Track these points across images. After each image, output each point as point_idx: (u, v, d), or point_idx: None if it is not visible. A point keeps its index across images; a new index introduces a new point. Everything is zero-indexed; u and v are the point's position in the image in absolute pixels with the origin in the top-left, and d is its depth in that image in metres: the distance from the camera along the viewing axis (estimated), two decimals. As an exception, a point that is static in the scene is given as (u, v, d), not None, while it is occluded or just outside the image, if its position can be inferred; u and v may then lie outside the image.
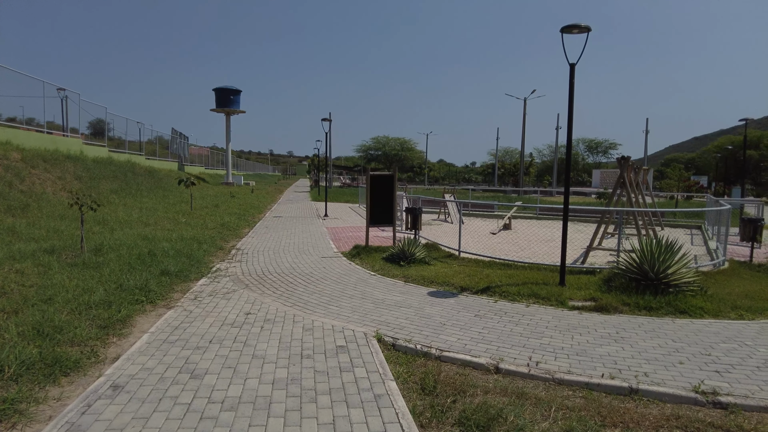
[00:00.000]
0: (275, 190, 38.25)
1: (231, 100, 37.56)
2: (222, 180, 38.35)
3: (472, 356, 4.94)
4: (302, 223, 16.98)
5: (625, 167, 10.70)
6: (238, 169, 61.19)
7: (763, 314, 6.64)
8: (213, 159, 49.36)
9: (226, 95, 37.35)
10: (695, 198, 39.52)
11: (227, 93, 37.38)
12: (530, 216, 21.67)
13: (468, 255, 10.68)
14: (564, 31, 7.58)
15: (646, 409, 4.04)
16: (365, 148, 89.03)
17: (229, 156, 39.21)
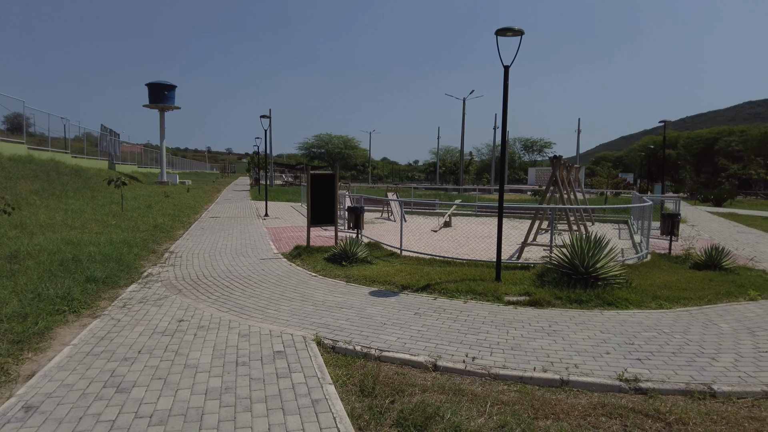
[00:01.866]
0: (213, 189, 37.00)
1: (165, 96, 35.91)
2: (156, 179, 36.65)
3: (411, 355, 4.97)
4: (241, 223, 16.52)
5: (557, 166, 11.18)
6: (174, 168, 58.73)
7: (679, 303, 7.13)
8: (146, 157, 47.07)
9: (159, 90, 35.67)
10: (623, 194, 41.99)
11: (161, 88, 35.71)
12: (469, 213, 22.21)
13: (410, 253, 10.78)
14: (498, 34, 7.79)
15: (575, 399, 4.22)
16: (308, 146, 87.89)
17: (164, 154, 37.54)
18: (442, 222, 17.58)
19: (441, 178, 72.47)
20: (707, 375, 4.66)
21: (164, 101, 35.91)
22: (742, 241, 15.05)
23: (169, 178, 37.06)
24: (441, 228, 16.94)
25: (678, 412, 3.96)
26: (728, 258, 9.77)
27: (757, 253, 12.45)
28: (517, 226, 16.21)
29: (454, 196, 35.41)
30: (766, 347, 5.41)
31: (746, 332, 5.92)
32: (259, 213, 20.30)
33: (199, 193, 31.33)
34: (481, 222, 18.44)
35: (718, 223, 21.45)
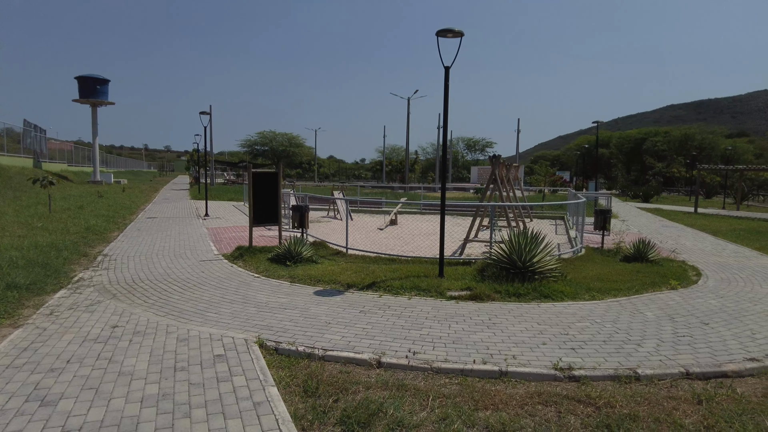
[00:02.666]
0: (150, 189, 35.45)
1: (97, 90, 33.96)
2: (89, 178, 34.66)
3: (355, 353, 4.99)
4: (180, 223, 15.93)
5: (497, 165, 11.54)
6: (108, 166, 55.72)
7: (610, 294, 7.55)
8: (78, 155, 44.38)
9: (91, 85, 33.68)
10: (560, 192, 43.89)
11: (93, 82, 33.74)
12: (415, 211, 22.51)
13: (356, 252, 10.80)
14: (439, 35, 7.93)
15: (514, 389, 4.38)
16: (250, 143, 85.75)
17: (96, 151, 35.54)
18: (389, 220, 17.72)
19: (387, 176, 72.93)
20: (633, 360, 4.97)
21: (96, 96, 33.98)
22: (666, 234, 16.14)
23: (102, 177, 35.15)
24: (387, 226, 17.07)
25: (607, 396, 4.20)
26: (654, 251, 10.44)
27: (678, 245, 13.38)
28: (460, 224, 16.59)
29: (400, 194, 35.77)
30: (684, 332, 5.84)
31: (667, 319, 6.36)
32: (199, 213, 19.66)
33: (135, 192, 29.92)
34: (426, 220, 18.73)
35: (646, 218, 22.88)
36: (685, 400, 4.19)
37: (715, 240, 14.85)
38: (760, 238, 15.56)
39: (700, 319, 6.41)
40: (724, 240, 14.87)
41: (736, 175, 36.68)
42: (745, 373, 4.81)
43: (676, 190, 57.75)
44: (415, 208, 22.90)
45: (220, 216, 18.86)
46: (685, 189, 56.30)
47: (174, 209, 21.28)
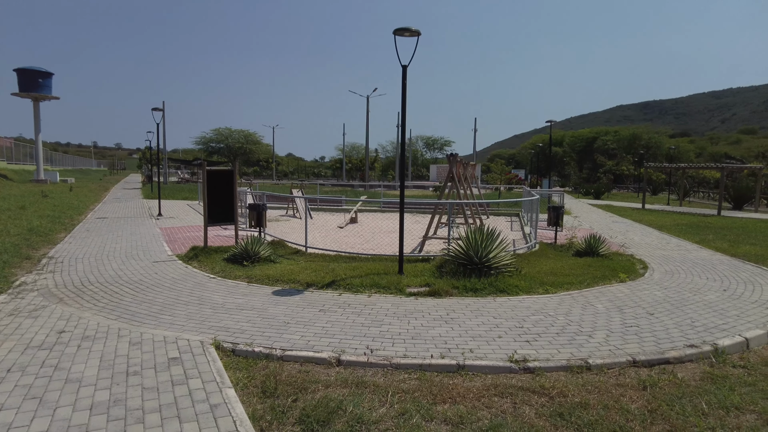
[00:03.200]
0: (100, 188, 34.00)
1: (39, 84, 32.21)
2: (32, 177, 32.90)
3: (314, 352, 4.96)
4: (132, 224, 15.37)
5: (454, 163, 11.72)
6: (54, 164, 53.06)
7: (562, 288, 7.81)
8: (19, 152, 42.07)
9: (32, 78, 31.91)
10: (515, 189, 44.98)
11: (34, 75, 31.98)
12: (375, 209, 22.56)
13: (315, 250, 10.73)
14: (396, 34, 7.97)
15: (471, 382, 4.47)
16: (206, 141, 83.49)
17: (40, 148, 33.74)
18: (349, 218, 17.69)
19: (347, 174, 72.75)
20: (584, 351, 5.16)
21: (38, 90, 32.26)
22: (616, 229, 16.83)
23: (47, 176, 33.44)
24: (347, 224, 17.04)
25: (560, 386, 4.36)
26: (604, 245, 10.87)
27: (627, 240, 13.98)
28: (419, 221, 16.75)
29: (361, 192, 35.74)
30: (632, 322, 6.12)
31: (616, 310, 6.65)
32: (152, 212, 19.02)
33: (84, 192, 28.62)
34: (387, 217, 18.82)
35: (597, 214, 23.77)
36: (631, 387, 4.39)
37: (660, 234, 15.60)
38: (699, 232, 16.47)
39: (646, 309, 6.73)
40: (669, 234, 15.64)
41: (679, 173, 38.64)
42: (686, 359, 5.09)
43: (626, 187, 60.29)
44: (376, 206, 22.96)
45: (174, 215, 18.32)
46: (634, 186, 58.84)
47: (126, 209, 20.50)
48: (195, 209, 20.95)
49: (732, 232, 16.55)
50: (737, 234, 16.13)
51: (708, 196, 43.07)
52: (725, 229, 17.49)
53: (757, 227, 18.82)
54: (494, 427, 3.63)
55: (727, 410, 3.99)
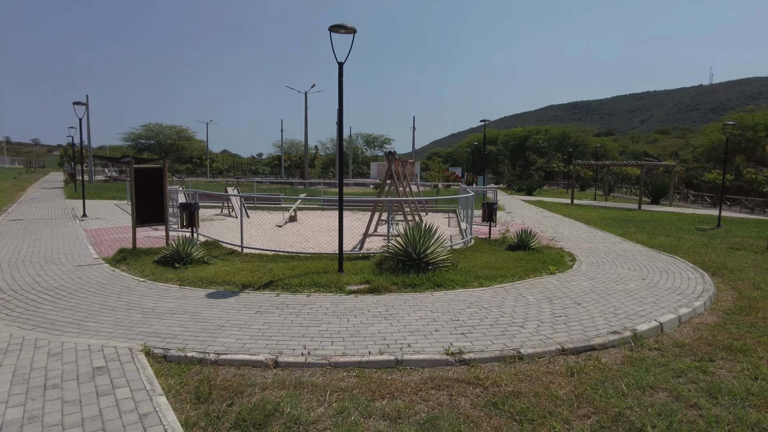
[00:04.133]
0: (15, 187, 31.46)
1: (-60, 75, 29.30)
2: (-68, 176, 29.85)
3: (251, 355, 4.85)
4: (53, 226, 14.33)
5: (392, 161, 11.83)
6: (-42, 163, 48.40)
7: (496, 281, 8.09)
8: None
9: (-69, 67, 28.95)
10: (452, 186, 46.05)
11: (-67, 65, 29.03)
12: (315, 207, 22.36)
13: (252, 250, 10.47)
14: (332, 30, 7.93)
15: (409, 376, 4.54)
16: (135, 137, 79.16)
17: (-58, 146, 30.70)
18: (287, 217, 17.41)
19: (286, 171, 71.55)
20: (517, 341, 5.38)
21: (-61, 81, 29.29)
22: (546, 224, 17.64)
23: (-50, 175, 30.46)
24: (286, 223, 16.76)
25: (494, 377, 4.51)
26: (535, 239, 11.36)
27: (557, 234, 14.70)
28: (360, 218, 16.78)
29: (300, 190, 35.27)
30: (560, 312, 6.44)
31: (546, 301, 6.97)
32: (76, 213, 17.83)
33: (-6, 192, 26.35)
34: (327, 215, 18.70)
35: (529, 209, 24.80)
36: (560, 374, 4.63)
37: (587, 228, 16.53)
38: (622, 225, 17.61)
39: (574, 299, 7.11)
40: (595, 228, 16.60)
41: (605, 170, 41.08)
42: (609, 345, 5.42)
43: (556, 184, 63.31)
44: (316, 203, 22.74)
45: (100, 216, 17.26)
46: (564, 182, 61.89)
47: (45, 210, 19.09)
48: (123, 209, 19.85)
49: (650, 225, 17.82)
50: (654, 226, 17.40)
51: (630, 191, 46.08)
52: (644, 222, 18.81)
53: (671, 220, 20.38)
54: (431, 420, 3.71)
55: (643, 390, 4.29)
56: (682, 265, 9.85)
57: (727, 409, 3.96)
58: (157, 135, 78.57)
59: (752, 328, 6.07)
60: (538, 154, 75.23)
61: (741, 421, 3.77)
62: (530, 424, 3.70)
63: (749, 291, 8.01)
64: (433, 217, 19.45)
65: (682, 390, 4.29)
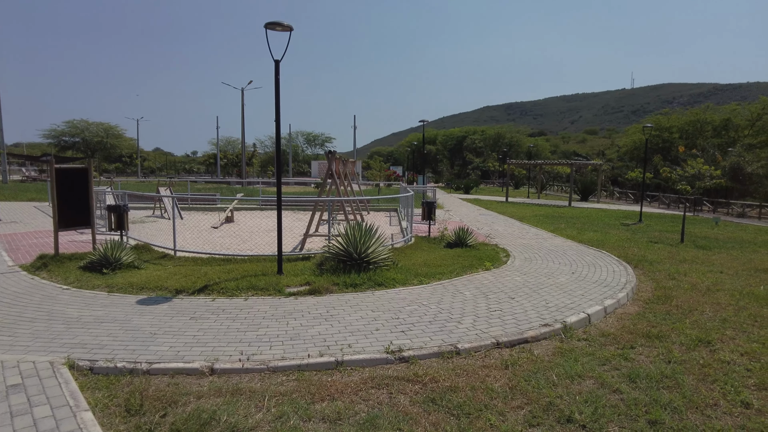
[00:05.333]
0: None
1: None
2: None
3: (185, 363, 4.67)
4: (-39, 231, 13.12)
5: (332, 160, 11.77)
6: None
7: (435, 278, 8.26)
8: None
9: None
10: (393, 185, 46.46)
11: None
12: (254, 207, 21.84)
13: (186, 253, 10.08)
14: (268, 27, 7.78)
15: (349, 377, 4.54)
16: (57, 134, 73.80)
17: None
18: (224, 218, 16.90)
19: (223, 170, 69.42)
20: (454, 336, 5.51)
21: None
22: (483, 221, 18.20)
23: None
24: (222, 224, 16.27)
25: (432, 372, 4.60)
26: (472, 236, 11.70)
27: (492, 231, 15.19)
28: (301, 218, 16.59)
29: (237, 189, 34.29)
30: (495, 307, 6.67)
31: (482, 297, 7.20)
32: (-12, 217, 16.42)
33: None
34: (266, 216, 18.32)
35: (467, 207, 25.49)
36: (495, 367, 4.79)
37: (521, 225, 17.20)
38: (554, 221, 18.48)
39: (508, 294, 7.38)
40: (528, 224, 17.31)
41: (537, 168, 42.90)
42: (541, 337, 5.68)
43: (492, 182, 65.45)
44: (254, 203, 22.21)
45: (17, 219, 15.99)
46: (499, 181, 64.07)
47: (-50, 214, 17.42)
48: (44, 212, 18.51)
49: (579, 221, 18.82)
50: (583, 222, 18.39)
51: (561, 189, 48.43)
52: (574, 219, 19.83)
53: (599, 216, 21.62)
54: (371, 420, 3.73)
55: (572, 379, 4.53)
56: (608, 259, 10.48)
57: (644, 392, 4.26)
58: (83, 132, 73.68)
59: (667, 316, 6.55)
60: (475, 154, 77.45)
61: (656, 402, 4.06)
62: (467, 417, 3.81)
63: (665, 281, 8.65)
64: (375, 216, 19.55)
65: (606, 377, 4.57)
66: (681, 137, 46.06)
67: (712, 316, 6.60)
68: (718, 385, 4.46)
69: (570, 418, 3.80)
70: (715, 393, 4.30)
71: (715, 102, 65.12)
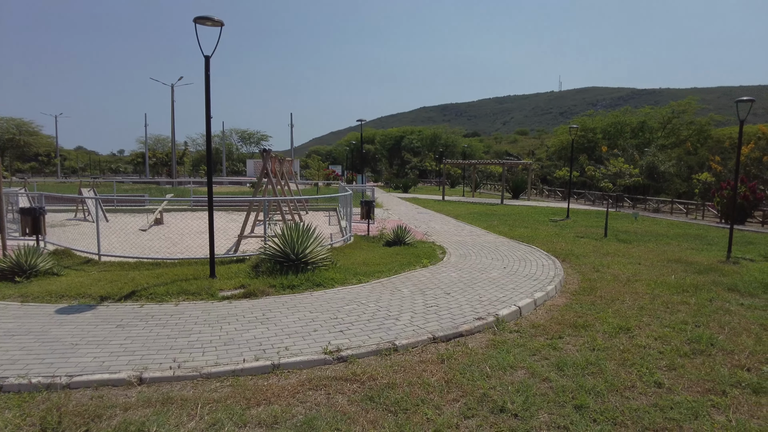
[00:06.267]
0: None
1: None
2: None
3: (110, 374, 4.41)
4: None
5: (267, 159, 11.54)
6: None
7: (374, 276, 8.30)
8: None
9: None
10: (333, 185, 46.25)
11: None
12: (185, 208, 20.96)
13: (112, 258, 9.52)
14: (197, 22, 7.49)
15: (286, 380, 4.47)
16: (-39, 132, 67.51)
17: None
18: (153, 219, 16.11)
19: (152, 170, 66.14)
20: (392, 333, 5.57)
21: None
22: (420, 219, 18.51)
23: None
24: (151, 226, 15.50)
25: (370, 371, 4.62)
26: (410, 235, 11.86)
27: (429, 229, 15.48)
28: (235, 219, 16.11)
29: (167, 189, 32.79)
30: (432, 303, 6.81)
31: (419, 293, 7.32)
32: None
33: None
34: (198, 217, 17.65)
35: (405, 206, 25.82)
36: (432, 362, 4.88)
37: (457, 222, 17.65)
38: (487, 219, 19.11)
39: (444, 290, 7.55)
40: (464, 222, 17.80)
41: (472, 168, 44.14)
42: (475, 330, 5.85)
43: (429, 181, 66.70)
44: (185, 204, 21.33)
45: None
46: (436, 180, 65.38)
47: None
48: (-55, 216, 16.81)
49: (511, 218, 19.58)
50: (515, 219, 19.15)
51: (494, 187, 50.13)
52: (506, 216, 20.60)
53: (529, 213, 22.60)
54: (308, 422, 3.69)
55: (505, 370, 4.71)
56: (537, 254, 10.97)
57: (571, 379, 4.50)
58: (-10, 129, 67.71)
59: (592, 307, 6.96)
60: (412, 154, 78.59)
61: (581, 388, 4.30)
62: (404, 413, 3.86)
63: (590, 274, 9.18)
64: (314, 215, 19.36)
65: (536, 367, 4.78)
66: (604, 138, 49.03)
67: (631, 304, 7.07)
68: (636, 368, 4.79)
69: (503, 408, 3.95)
70: (632, 376, 4.61)
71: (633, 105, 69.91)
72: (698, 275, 9.09)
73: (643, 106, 59.01)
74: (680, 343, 5.50)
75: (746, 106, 10.83)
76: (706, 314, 6.61)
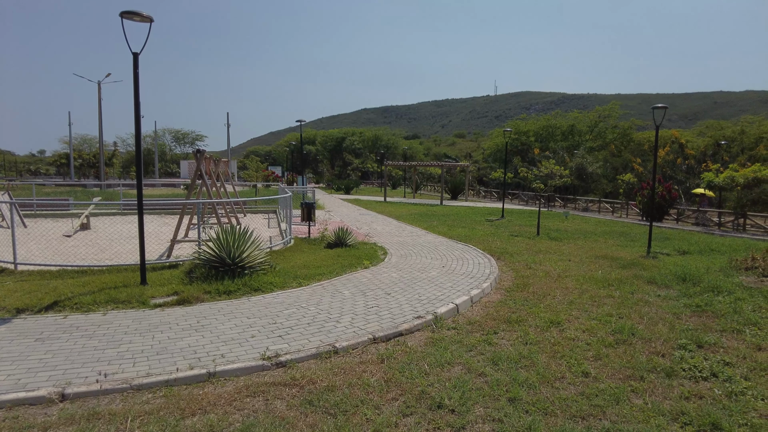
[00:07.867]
0: None
1: None
2: None
3: (28, 391, 4.11)
4: None
5: (201, 160, 11.16)
6: None
7: (315, 279, 8.24)
8: None
9: None
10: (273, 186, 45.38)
11: None
12: (114, 212, 19.86)
13: (30, 267, 8.86)
14: (124, 16, 7.14)
15: (222, 388, 4.35)
16: None
17: None
18: (78, 224, 15.14)
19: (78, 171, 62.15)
20: (332, 336, 5.55)
21: None
22: (362, 221, 18.55)
23: None
24: (77, 231, 14.57)
25: (310, 374, 4.59)
26: (351, 236, 11.86)
27: (371, 230, 15.55)
28: (168, 223, 15.45)
29: (95, 192, 30.91)
30: (373, 303, 6.85)
31: (360, 294, 7.34)
32: None
33: None
34: (128, 221, 16.77)
35: (347, 207, 25.77)
36: (372, 362, 4.92)
37: (398, 223, 17.84)
38: (427, 219, 19.46)
39: (385, 290, 7.62)
40: (404, 223, 18.01)
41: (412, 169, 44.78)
42: (414, 329, 5.95)
43: (371, 183, 66.98)
44: (114, 208, 20.21)
45: None
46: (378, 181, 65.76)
47: None
48: None
49: (450, 218, 20.03)
50: (453, 219, 19.61)
51: (434, 188, 51.09)
52: (445, 216, 21.06)
53: (467, 213, 23.22)
54: (246, 429, 3.62)
55: (442, 366, 4.82)
56: (474, 252, 11.30)
57: (506, 373, 4.68)
58: None
59: (525, 302, 7.26)
60: (354, 155, 78.59)
61: (515, 381, 4.49)
62: (344, 415, 3.86)
63: (523, 270, 9.57)
64: (252, 218, 18.92)
65: (472, 362, 4.93)
66: (536, 140, 51.24)
67: (561, 299, 7.44)
68: (565, 360, 5.05)
69: (440, 404, 4.04)
70: (562, 367, 4.86)
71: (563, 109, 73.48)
72: (622, 270, 9.71)
73: (572, 110, 62.14)
74: (605, 334, 5.86)
75: (661, 112, 11.71)
76: (629, 306, 7.08)
